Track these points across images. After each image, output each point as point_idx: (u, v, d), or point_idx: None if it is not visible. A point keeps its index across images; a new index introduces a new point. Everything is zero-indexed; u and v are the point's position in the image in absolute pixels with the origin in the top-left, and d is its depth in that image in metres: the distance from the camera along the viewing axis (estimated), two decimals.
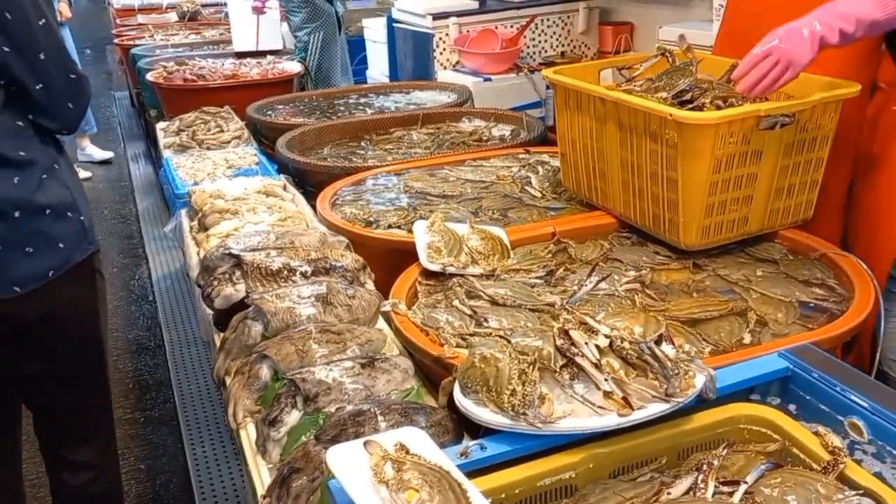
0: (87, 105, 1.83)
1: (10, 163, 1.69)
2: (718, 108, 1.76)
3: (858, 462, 1.15)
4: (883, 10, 1.62)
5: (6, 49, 1.63)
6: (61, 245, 1.77)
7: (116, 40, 6.44)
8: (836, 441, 1.15)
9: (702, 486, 1.09)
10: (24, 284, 1.72)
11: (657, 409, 1.17)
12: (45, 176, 1.75)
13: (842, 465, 1.11)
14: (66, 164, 1.85)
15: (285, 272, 1.70)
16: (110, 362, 2.09)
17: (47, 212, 1.74)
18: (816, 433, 1.18)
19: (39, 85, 1.69)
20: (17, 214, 1.69)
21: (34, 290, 1.74)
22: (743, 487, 1.10)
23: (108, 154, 6.76)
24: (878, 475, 1.14)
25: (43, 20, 1.68)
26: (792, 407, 1.30)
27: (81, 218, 1.82)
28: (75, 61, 1.82)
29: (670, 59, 2.07)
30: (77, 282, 1.84)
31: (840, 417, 1.23)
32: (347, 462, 1.05)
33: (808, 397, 1.29)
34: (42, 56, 1.68)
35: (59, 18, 5.51)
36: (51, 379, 1.91)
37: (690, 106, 1.79)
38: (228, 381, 1.48)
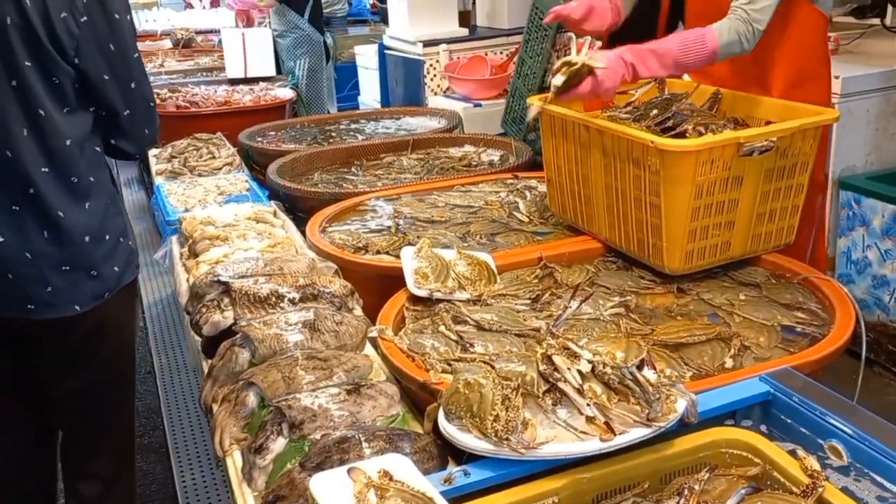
0: (157, 131, 1.99)
1: (85, 189, 1.82)
2: (700, 134, 1.80)
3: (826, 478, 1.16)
4: (685, 54, 1.86)
5: (106, 77, 1.78)
6: (116, 269, 1.90)
7: None
8: (814, 464, 1.17)
9: None
10: (84, 304, 1.85)
11: (639, 433, 1.18)
12: (109, 202, 1.90)
13: (820, 489, 1.12)
14: (119, 194, 2.01)
15: (273, 299, 1.71)
16: (137, 379, 2.18)
17: (107, 237, 1.87)
18: (796, 456, 1.19)
19: (127, 111, 1.84)
20: (86, 239, 1.82)
21: (91, 308, 1.85)
22: None
23: None
24: (845, 490, 1.15)
25: (137, 53, 1.84)
26: (773, 430, 1.32)
27: (130, 243, 1.97)
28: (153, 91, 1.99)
29: (660, 87, 2.11)
30: (123, 302, 1.97)
31: (820, 441, 1.25)
32: (331, 489, 1.06)
33: (788, 421, 1.31)
34: (133, 85, 1.83)
35: None
36: (89, 392, 2.00)
37: (673, 133, 1.83)
38: (215, 408, 1.49)
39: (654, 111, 1.93)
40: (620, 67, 1.82)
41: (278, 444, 1.30)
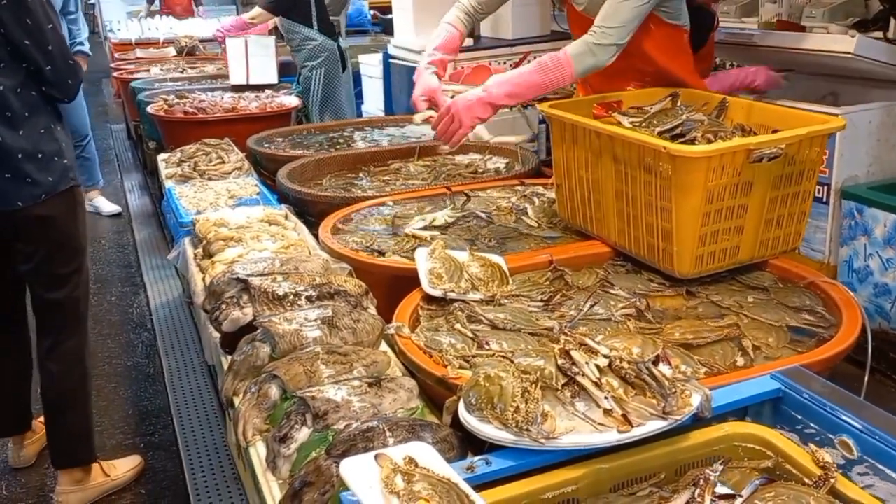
0: (81, 81, 2.65)
1: (20, 120, 2.51)
2: (710, 141, 1.84)
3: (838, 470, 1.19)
4: (543, 76, 2.10)
5: (27, 42, 2.45)
6: (50, 179, 2.57)
7: (115, 73, 6.52)
8: (826, 457, 1.20)
9: (698, 499, 1.13)
10: (25, 201, 2.54)
11: (655, 426, 1.22)
12: (42, 131, 2.56)
13: (832, 480, 1.15)
14: (62, 127, 2.66)
15: (291, 296, 1.74)
16: (89, 267, 2.82)
17: (40, 156, 2.54)
18: (808, 450, 1.23)
19: (49, 67, 2.50)
20: (20, 156, 2.51)
21: (31, 206, 2.54)
22: (738, 501, 1.14)
23: (115, 208, 6.22)
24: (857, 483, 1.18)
25: (50, 24, 2.50)
26: (784, 426, 1.35)
27: (65, 161, 2.62)
28: (71, 53, 2.67)
29: (673, 100, 2.14)
30: (63, 204, 2.63)
31: (831, 436, 1.28)
32: (360, 474, 1.09)
33: (799, 417, 1.34)
34: (50, 47, 2.49)
35: None
36: (45, 271, 2.65)
37: (682, 140, 1.87)
38: (237, 401, 1.52)
39: (664, 119, 1.97)
40: (478, 98, 2.03)
41: (302, 434, 1.33)
